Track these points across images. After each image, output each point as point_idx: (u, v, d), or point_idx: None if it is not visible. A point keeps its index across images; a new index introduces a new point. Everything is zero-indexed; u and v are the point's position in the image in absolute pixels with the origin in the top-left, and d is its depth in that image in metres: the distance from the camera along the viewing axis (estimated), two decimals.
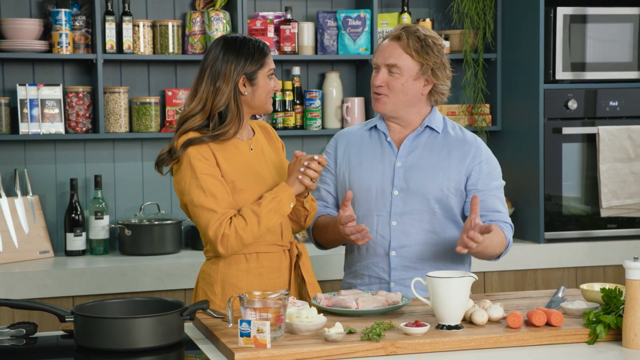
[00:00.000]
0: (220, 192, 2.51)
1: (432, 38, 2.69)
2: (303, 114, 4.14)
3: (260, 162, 2.63)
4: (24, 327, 2.33)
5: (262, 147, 2.67)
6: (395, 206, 2.70)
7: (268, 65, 2.59)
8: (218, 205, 2.49)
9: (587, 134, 4.06)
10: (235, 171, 2.57)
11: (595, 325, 2.19)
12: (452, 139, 2.74)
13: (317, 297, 2.47)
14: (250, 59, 2.57)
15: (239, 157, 2.59)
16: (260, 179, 2.59)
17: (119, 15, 3.95)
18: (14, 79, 3.91)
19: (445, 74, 2.71)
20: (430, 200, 2.69)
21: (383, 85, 2.70)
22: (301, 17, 4.22)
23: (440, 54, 2.69)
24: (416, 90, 2.70)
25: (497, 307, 2.30)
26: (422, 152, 2.73)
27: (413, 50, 2.66)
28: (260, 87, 2.59)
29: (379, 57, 2.72)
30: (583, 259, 4.03)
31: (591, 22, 4.03)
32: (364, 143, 2.80)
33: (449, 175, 2.70)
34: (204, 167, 2.51)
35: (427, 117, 2.75)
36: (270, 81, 2.61)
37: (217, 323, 2.30)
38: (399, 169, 2.72)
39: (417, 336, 2.15)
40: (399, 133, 2.77)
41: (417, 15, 4.29)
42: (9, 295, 3.43)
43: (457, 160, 2.72)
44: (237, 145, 2.61)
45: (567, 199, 4.06)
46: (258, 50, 2.58)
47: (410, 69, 2.67)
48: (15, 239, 3.73)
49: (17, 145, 3.93)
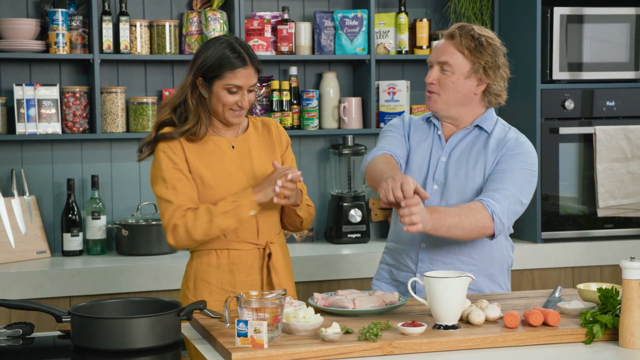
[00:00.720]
0: (182, 186, 2.55)
1: (486, 38, 2.67)
2: (300, 114, 4.14)
3: (240, 161, 2.63)
4: (21, 327, 2.32)
5: (249, 145, 2.66)
6: (431, 200, 2.69)
7: (227, 79, 2.56)
8: (176, 197, 2.54)
9: (584, 134, 4.06)
10: (205, 168, 2.59)
11: (592, 325, 2.20)
12: (495, 139, 2.71)
13: (314, 297, 2.47)
14: (210, 65, 2.57)
15: (214, 155, 2.61)
16: (232, 177, 2.60)
17: (115, 15, 3.94)
18: (10, 78, 3.91)
19: (499, 74, 2.68)
20: (467, 197, 2.67)
21: (435, 83, 2.68)
22: (298, 17, 4.22)
23: (495, 54, 2.66)
24: (468, 89, 2.68)
25: (494, 307, 2.30)
26: (465, 150, 2.71)
27: (465, 48, 2.65)
28: (215, 95, 2.58)
29: (433, 55, 2.72)
30: (580, 258, 4.04)
31: (588, 22, 4.03)
32: (420, 132, 2.79)
33: (486, 173, 2.68)
34: (169, 162, 2.57)
35: (480, 117, 2.73)
36: (228, 95, 2.57)
37: (214, 323, 2.30)
38: (442, 164, 2.71)
39: (414, 336, 2.15)
40: (450, 130, 2.75)
41: (414, 16, 4.29)
42: (6, 295, 3.42)
43: (493, 158, 2.68)
44: (216, 142, 2.64)
45: (564, 199, 4.07)
46: (223, 61, 2.55)
47: (461, 66, 2.66)
48: (12, 239, 3.73)
49: (14, 145, 3.92)
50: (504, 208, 2.58)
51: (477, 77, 2.67)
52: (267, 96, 4.10)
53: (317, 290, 3.63)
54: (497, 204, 2.57)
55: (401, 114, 2.93)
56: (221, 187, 2.59)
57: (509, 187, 2.61)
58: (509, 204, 2.59)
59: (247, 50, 2.60)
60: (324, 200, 4.28)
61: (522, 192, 2.64)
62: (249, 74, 2.58)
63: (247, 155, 2.65)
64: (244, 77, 2.57)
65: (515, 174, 2.63)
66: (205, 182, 2.58)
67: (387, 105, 4.19)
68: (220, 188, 2.58)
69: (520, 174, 2.64)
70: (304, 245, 4.12)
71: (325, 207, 4.27)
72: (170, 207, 2.55)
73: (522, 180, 2.64)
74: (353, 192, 4.18)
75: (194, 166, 2.59)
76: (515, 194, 2.61)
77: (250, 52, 2.60)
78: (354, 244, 4.07)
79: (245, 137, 2.68)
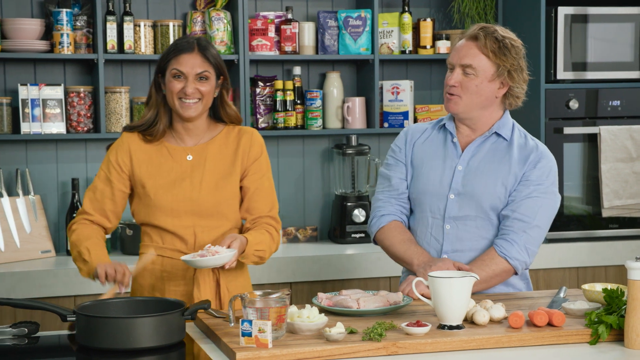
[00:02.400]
0: (101, 195, 2.61)
1: (510, 39, 2.62)
2: (304, 113, 4.14)
3: (191, 171, 2.61)
4: (26, 326, 2.33)
5: (207, 155, 2.63)
6: (449, 210, 2.67)
7: (172, 65, 2.56)
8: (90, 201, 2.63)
9: (589, 134, 4.06)
10: (149, 177, 2.60)
11: (597, 325, 2.19)
12: (514, 147, 2.67)
13: (319, 297, 2.47)
14: (162, 57, 2.61)
15: (164, 164, 2.61)
16: (174, 188, 2.59)
17: (120, 15, 3.95)
18: (15, 78, 3.91)
19: (521, 77, 2.64)
20: (485, 207, 2.65)
21: (457, 86, 2.63)
22: (302, 17, 4.22)
23: (518, 56, 2.63)
24: (490, 92, 2.63)
25: (498, 307, 2.30)
26: (484, 158, 2.67)
27: (490, 51, 2.59)
28: (167, 86, 2.60)
29: (454, 57, 2.64)
30: (585, 259, 4.03)
31: (592, 21, 4.03)
32: (430, 142, 2.75)
33: (507, 184, 2.65)
34: (106, 165, 2.63)
35: (498, 122, 2.68)
36: (174, 81, 2.57)
37: (218, 323, 2.30)
38: (459, 173, 2.67)
39: (418, 336, 2.15)
40: (467, 136, 2.71)
41: (417, 15, 4.29)
42: (11, 294, 3.43)
43: (517, 167, 2.65)
44: (170, 151, 2.63)
45: (568, 199, 4.06)
46: (170, 48, 2.58)
47: (485, 70, 2.61)
48: (17, 239, 3.73)
49: (19, 145, 3.93)
50: (520, 248, 2.61)
51: (500, 80, 2.63)
52: (271, 96, 4.10)
53: (321, 290, 3.63)
54: (511, 247, 2.61)
55: (405, 128, 2.89)
56: (160, 198, 2.58)
57: (529, 220, 2.61)
58: (527, 238, 2.62)
59: (200, 41, 2.59)
60: (327, 200, 4.28)
61: (543, 220, 2.65)
62: (193, 60, 2.55)
63: (200, 166, 2.62)
64: (187, 62, 2.55)
65: (538, 202, 2.63)
66: (146, 191, 2.59)
67: (391, 105, 4.18)
68: (158, 199, 2.58)
69: (543, 202, 2.64)
70: (307, 245, 4.12)
71: (329, 207, 4.27)
72: (81, 209, 2.65)
73: (546, 208, 2.65)
74: (357, 192, 4.17)
75: (139, 176, 2.61)
76: (534, 225, 2.62)
77: (201, 43, 2.58)
78: (358, 243, 4.07)
79: (205, 146, 2.64)
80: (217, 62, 2.60)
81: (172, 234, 2.60)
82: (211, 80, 2.59)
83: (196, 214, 2.59)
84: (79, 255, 2.55)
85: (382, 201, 2.79)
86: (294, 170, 4.25)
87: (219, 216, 2.61)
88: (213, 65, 2.59)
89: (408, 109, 4.17)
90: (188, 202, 2.59)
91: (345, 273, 3.79)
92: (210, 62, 2.58)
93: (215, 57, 2.60)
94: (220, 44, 3.95)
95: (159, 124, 2.61)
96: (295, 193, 4.25)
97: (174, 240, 2.61)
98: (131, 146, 2.63)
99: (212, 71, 2.59)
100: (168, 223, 2.59)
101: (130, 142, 2.64)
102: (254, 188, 2.64)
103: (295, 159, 4.25)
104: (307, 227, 4.19)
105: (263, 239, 2.58)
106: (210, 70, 2.58)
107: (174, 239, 2.61)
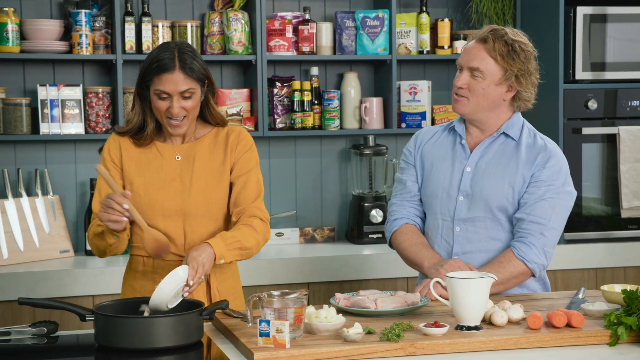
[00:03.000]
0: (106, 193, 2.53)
1: (520, 43, 2.62)
2: (321, 114, 4.14)
3: (181, 170, 2.59)
4: (45, 326, 2.34)
5: (196, 154, 2.61)
6: (459, 212, 2.68)
7: (155, 85, 2.49)
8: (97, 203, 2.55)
9: (607, 134, 4.03)
10: (139, 175, 2.57)
11: (616, 326, 2.18)
12: (523, 147, 2.68)
13: (336, 297, 2.47)
14: (143, 71, 2.53)
15: (153, 163, 2.59)
16: (165, 187, 2.57)
17: (138, 15, 3.96)
18: (34, 79, 3.94)
19: (530, 81, 2.64)
20: (493, 208, 2.65)
21: (464, 87, 2.64)
22: (319, 18, 4.22)
23: (527, 61, 2.62)
24: (497, 96, 2.64)
25: (517, 307, 2.29)
26: (492, 159, 2.68)
27: (498, 54, 2.59)
28: (152, 103, 2.54)
29: (463, 59, 2.66)
30: (603, 260, 4.01)
31: (611, 21, 4.00)
32: (439, 144, 2.76)
33: (514, 184, 2.65)
34: (103, 162, 2.60)
35: (506, 122, 2.69)
36: (159, 101, 2.51)
37: (236, 323, 2.30)
38: (467, 174, 2.68)
39: (436, 337, 2.14)
40: (476, 137, 2.72)
41: (435, 15, 4.28)
42: (30, 294, 3.45)
43: (524, 167, 2.65)
44: (160, 149, 2.61)
45: (587, 200, 4.04)
46: (152, 64, 2.50)
47: (493, 73, 2.61)
48: (36, 239, 3.76)
49: (38, 146, 3.95)
50: (538, 251, 2.61)
51: (508, 84, 2.63)
52: (288, 96, 4.10)
53: (339, 290, 3.63)
54: (529, 250, 2.61)
55: (416, 132, 2.90)
56: (149, 196, 2.56)
57: (544, 222, 2.61)
58: (544, 241, 2.62)
59: (181, 54, 2.49)
60: (345, 200, 4.28)
61: (558, 221, 2.64)
62: (176, 79, 2.47)
63: (189, 165, 2.60)
64: (169, 82, 2.47)
65: (552, 202, 2.62)
66: (134, 189, 2.56)
67: (409, 105, 4.18)
68: (148, 197, 2.55)
69: (557, 202, 2.63)
70: (325, 245, 4.12)
71: (346, 207, 4.27)
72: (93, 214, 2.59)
73: (560, 208, 2.64)
74: (374, 193, 4.17)
75: (128, 172, 2.58)
76: (550, 227, 2.62)
77: (183, 57, 2.48)
78: (375, 244, 4.07)
79: (194, 145, 2.62)
80: (201, 73, 2.52)
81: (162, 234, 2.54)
82: (196, 94, 2.53)
83: (186, 213, 2.57)
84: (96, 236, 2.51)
85: (395, 205, 2.82)
86: (312, 170, 4.25)
87: (209, 216, 2.59)
88: (196, 79, 2.51)
89: (425, 110, 4.16)
90: (179, 201, 2.57)
91: (363, 273, 3.79)
92: (193, 78, 2.50)
93: (198, 69, 2.51)
94: (238, 44, 3.96)
95: (146, 129, 2.58)
96: (312, 193, 4.25)
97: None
98: (122, 143, 2.61)
99: (197, 84, 2.52)
100: (159, 222, 2.56)
101: (120, 139, 2.61)
102: (242, 182, 2.60)
103: (312, 159, 4.25)
104: (325, 228, 4.19)
105: (236, 233, 2.51)
106: (195, 85, 2.51)
107: None
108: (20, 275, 3.49)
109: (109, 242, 2.48)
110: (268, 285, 3.66)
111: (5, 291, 3.45)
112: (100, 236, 2.49)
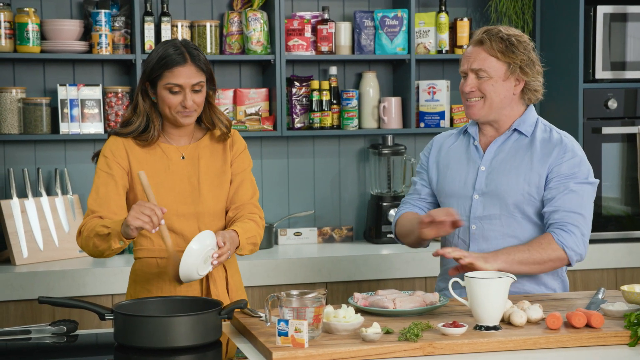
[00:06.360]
0: (105, 190, 2.53)
1: (515, 36, 2.65)
2: (340, 113, 4.14)
3: (188, 171, 2.60)
4: (65, 324, 2.36)
5: (200, 153, 2.63)
6: (474, 210, 2.68)
7: (166, 79, 2.52)
8: (94, 201, 2.54)
9: (627, 134, 4.01)
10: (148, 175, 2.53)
11: (636, 327, 2.17)
12: (537, 142, 2.68)
13: (355, 297, 2.47)
14: (152, 67, 2.54)
15: (159, 163, 2.59)
16: (173, 188, 2.57)
17: (157, 15, 3.98)
18: (54, 79, 3.96)
19: (535, 70, 2.66)
20: (509, 205, 2.65)
21: (474, 90, 2.65)
22: (338, 17, 4.22)
23: (527, 51, 2.64)
24: (507, 91, 2.65)
25: (536, 308, 2.29)
26: (506, 157, 2.69)
27: (497, 51, 2.62)
28: (160, 97, 2.55)
29: (465, 64, 2.68)
30: (623, 260, 3.99)
31: (632, 20, 3.98)
32: (455, 147, 2.79)
33: (530, 180, 2.65)
34: (104, 163, 2.58)
35: (518, 119, 2.70)
36: (170, 96, 2.53)
37: (254, 322, 2.31)
38: (482, 173, 2.70)
39: (455, 337, 2.14)
40: (491, 137, 2.73)
41: (454, 15, 4.27)
42: (50, 293, 3.47)
43: (539, 163, 2.65)
44: (164, 150, 2.61)
45: (606, 200, 4.02)
46: (162, 60, 2.52)
47: (497, 70, 2.63)
48: (56, 238, 3.78)
49: (58, 145, 3.97)
50: (577, 239, 2.60)
51: (515, 77, 2.65)
52: (307, 96, 4.11)
53: (357, 290, 3.63)
54: (569, 237, 2.60)
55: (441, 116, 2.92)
56: (161, 197, 2.54)
57: (580, 211, 2.62)
58: (583, 231, 2.62)
59: (189, 49, 2.54)
60: (363, 200, 4.28)
61: (589, 211, 2.65)
62: (188, 72, 2.52)
63: (195, 165, 2.62)
64: (182, 75, 2.52)
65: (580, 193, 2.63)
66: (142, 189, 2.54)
67: (427, 105, 4.17)
68: (160, 198, 2.54)
69: (584, 193, 2.64)
70: (343, 245, 4.12)
71: (364, 207, 4.26)
72: (88, 210, 2.55)
73: (588, 198, 2.65)
74: (393, 192, 4.17)
75: (135, 171, 2.57)
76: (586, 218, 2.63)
77: (191, 51, 2.54)
78: (394, 243, 4.06)
79: (197, 145, 2.64)
80: (208, 68, 2.58)
81: (178, 234, 2.56)
82: (204, 88, 2.58)
83: (199, 213, 2.59)
84: (98, 236, 2.45)
85: (402, 204, 2.87)
86: (330, 170, 4.25)
87: (220, 214, 2.62)
88: (205, 73, 2.57)
89: (444, 109, 4.15)
90: (190, 202, 2.58)
91: (381, 273, 3.78)
92: (204, 71, 2.56)
93: (206, 64, 2.58)
94: (257, 44, 3.97)
95: (152, 130, 2.58)
96: (331, 193, 4.25)
97: (178, 241, 2.56)
98: (125, 144, 2.60)
99: (205, 79, 2.57)
100: (174, 222, 2.56)
101: (123, 140, 2.60)
102: (239, 180, 2.65)
103: (331, 158, 4.25)
104: (343, 227, 4.19)
105: (249, 227, 2.56)
106: (204, 79, 2.56)
107: (179, 239, 2.57)
108: (40, 274, 3.51)
109: (113, 245, 2.43)
110: (286, 285, 3.66)
111: (25, 290, 3.48)
112: (104, 237, 2.44)
